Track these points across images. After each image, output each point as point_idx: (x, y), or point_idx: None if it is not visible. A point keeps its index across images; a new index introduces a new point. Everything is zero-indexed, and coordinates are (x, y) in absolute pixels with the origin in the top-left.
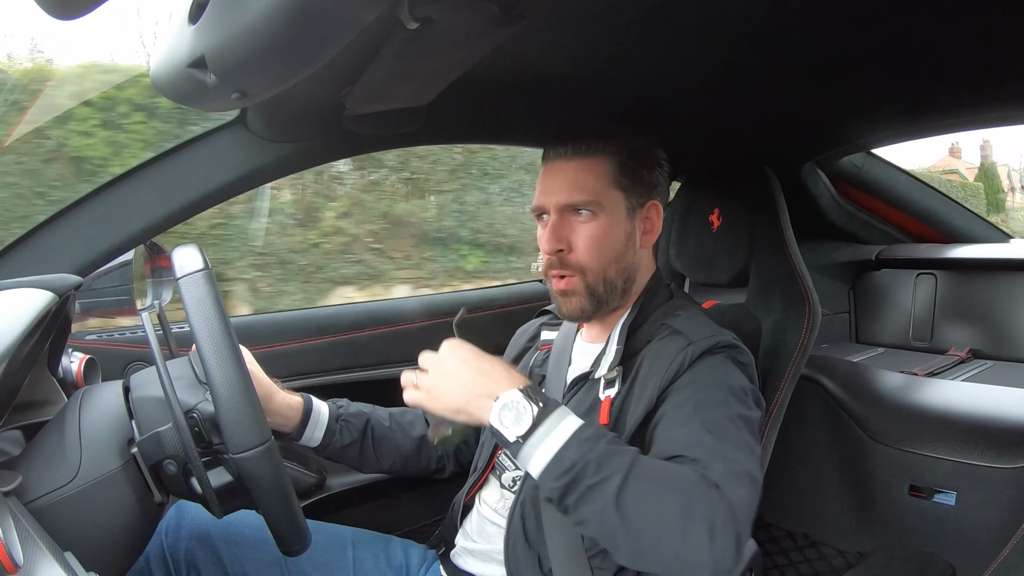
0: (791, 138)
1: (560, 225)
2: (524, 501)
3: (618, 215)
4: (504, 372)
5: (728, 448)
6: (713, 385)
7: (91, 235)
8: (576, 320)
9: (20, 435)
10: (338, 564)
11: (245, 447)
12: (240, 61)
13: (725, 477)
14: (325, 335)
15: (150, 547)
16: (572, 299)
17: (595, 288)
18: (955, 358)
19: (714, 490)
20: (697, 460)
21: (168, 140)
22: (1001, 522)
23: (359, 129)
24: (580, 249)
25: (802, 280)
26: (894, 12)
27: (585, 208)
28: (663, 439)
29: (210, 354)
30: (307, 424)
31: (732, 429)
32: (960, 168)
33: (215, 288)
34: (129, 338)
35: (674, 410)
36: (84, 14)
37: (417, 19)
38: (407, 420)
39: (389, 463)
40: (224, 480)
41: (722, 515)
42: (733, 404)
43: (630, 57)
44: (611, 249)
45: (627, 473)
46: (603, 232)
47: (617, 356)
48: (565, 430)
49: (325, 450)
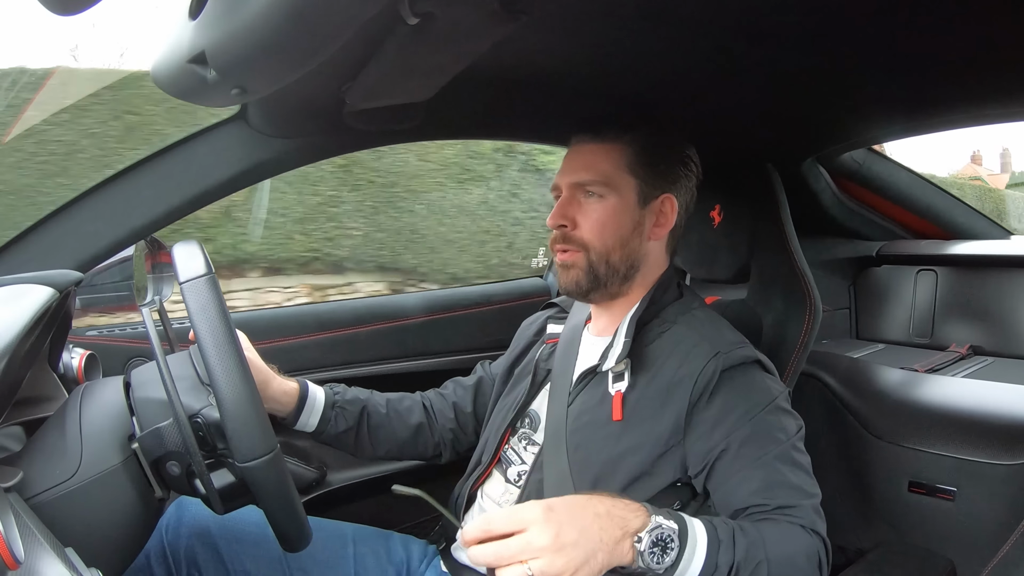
0: (792, 134)
1: (568, 203)
2: (529, 495)
3: (628, 201)
4: (612, 500)
5: (804, 480)
6: (763, 408)
7: (92, 231)
8: (572, 295)
9: (21, 431)
10: (339, 560)
11: (251, 456)
12: (240, 57)
13: (815, 520)
14: (325, 331)
15: (150, 544)
16: (571, 272)
17: (596, 267)
18: (955, 354)
19: (815, 537)
20: (787, 507)
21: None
22: (1001, 518)
23: (359, 125)
24: (584, 228)
25: (803, 276)
26: (894, 8)
27: (594, 188)
28: (740, 479)
29: (215, 364)
30: (303, 410)
31: (797, 456)
32: (982, 175)
33: (219, 293)
34: (130, 334)
35: (740, 447)
36: (83, 10)
37: (418, 15)
38: (404, 407)
39: (385, 449)
40: (227, 481)
41: (825, 553)
42: (787, 423)
43: (630, 53)
44: (616, 233)
45: (767, 555)
46: (609, 214)
47: (625, 349)
48: (701, 537)
49: (320, 436)
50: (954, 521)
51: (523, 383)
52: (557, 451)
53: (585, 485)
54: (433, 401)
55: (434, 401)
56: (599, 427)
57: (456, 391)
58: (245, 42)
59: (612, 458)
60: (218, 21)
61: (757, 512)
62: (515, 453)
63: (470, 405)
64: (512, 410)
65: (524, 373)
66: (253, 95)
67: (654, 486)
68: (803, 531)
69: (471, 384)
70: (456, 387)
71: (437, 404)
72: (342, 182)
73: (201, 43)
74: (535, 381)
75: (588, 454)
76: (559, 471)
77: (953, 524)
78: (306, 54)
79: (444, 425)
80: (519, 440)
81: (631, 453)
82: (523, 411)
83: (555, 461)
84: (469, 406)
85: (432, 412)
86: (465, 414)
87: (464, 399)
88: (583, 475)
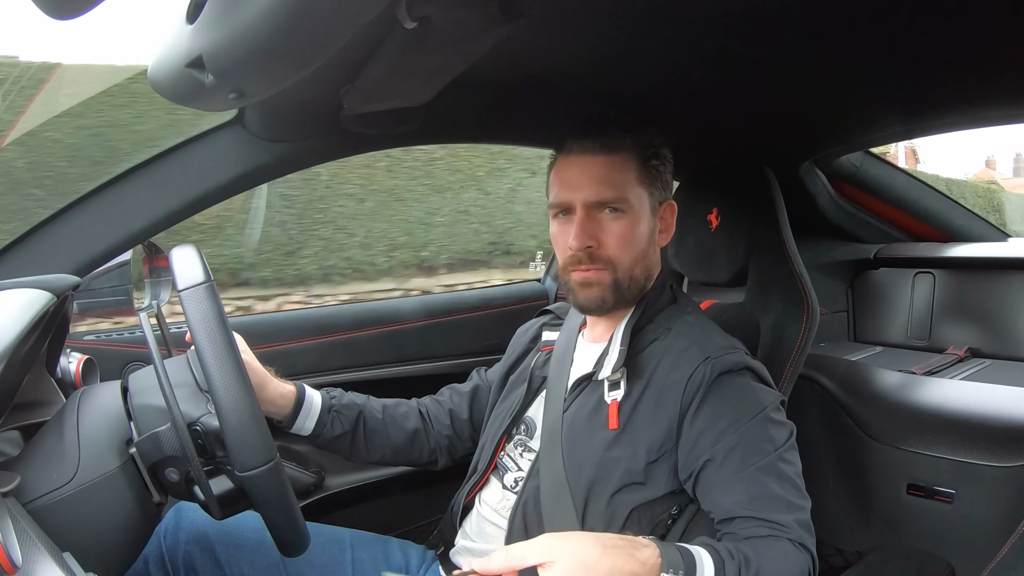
0: (789, 137)
1: (589, 221)
2: (526, 502)
3: (644, 213)
4: (625, 542)
5: (790, 491)
6: (751, 418)
7: (89, 235)
8: (592, 311)
9: (18, 435)
10: (337, 566)
11: (251, 466)
12: (238, 61)
13: (804, 535)
14: (324, 335)
15: (148, 549)
16: (594, 289)
17: (621, 283)
18: (953, 357)
19: (803, 552)
20: (773, 522)
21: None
22: (999, 520)
23: (357, 128)
24: (610, 246)
25: (800, 279)
26: (893, 10)
27: (615, 205)
28: (723, 490)
29: (215, 373)
30: (299, 414)
31: (784, 467)
32: (997, 179)
33: (218, 301)
34: (127, 338)
35: (724, 457)
36: (81, 14)
37: (415, 18)
38: (400, 412)
39: (380, 454)
40: (226, 488)
41: (813, 568)
42: (776, 434)
43: (630, 54)
44: (638, 247)
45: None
46: (631, 229)
47: (621, 357)
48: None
49: (316, 440)
50: (952, 523)
51: (518, 390)
52: (553, 457)
53: (580, 491)
54: (429, 407)
55: (430, 407)
56: (594, 434)
57: (452, 398)
58: (243, 46)
59: (607, 462)
60: (215, 25)
61: (743, 524)
62: (511, 460)
63: (466, 412)
64: (508, 417)
65: (519, 380)
66: (251, 99)
67: (649, 494)
68: (794, 547)
69: (467, 391)
70: (452, 393)
71: (433, 410)
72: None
73: (198, 47)
74: (531, 388)
75: (583, 460)
76: (555, 477)
77: (951, 526)
78: (304, 58)
79: (440, 431)
80: (515, 447)
81: (626, 460)
82: (519, 418)
83: (551, 467)
84: (465, 412)
85: (428, 418)
86: (461, 420)
87: (460, 406)
88: (578, 481)
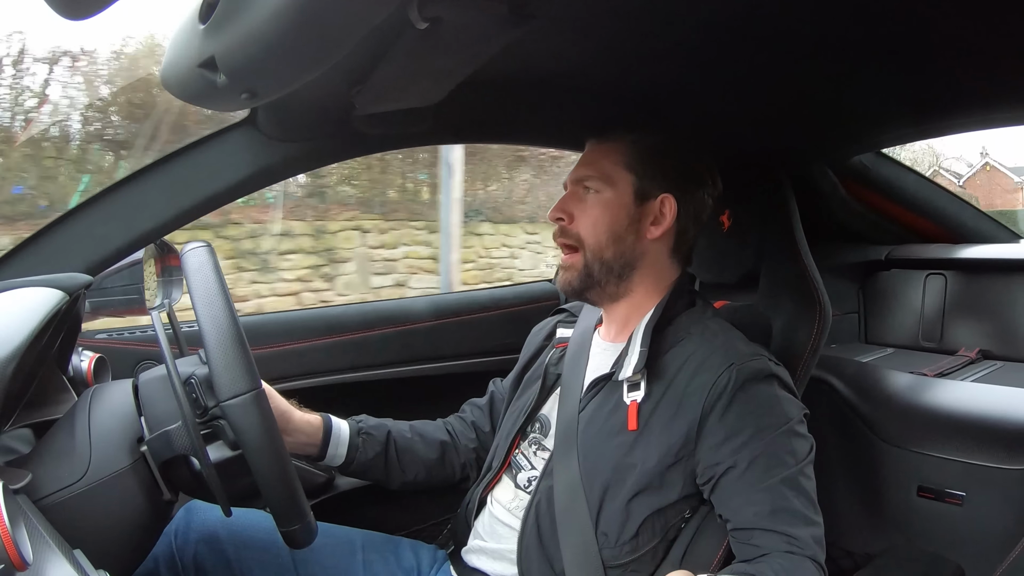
0: (801, 138)
1: (568, 198)
2: (540, 502)
3: (623, 196)
4: None
5: (807, 506)
6: (777, 429)
7: (101, 234)
8: (568, 295)
9: (30, 433)
10: (348, 567)
11: (234, 392)
12: (250, 61)
13: (818, 551)
14: (334, 334)
15: (159, 549)
16: (566, 273)
17: (591, 266)
18: (964, 359)
19: (816, 567)
20: (792, 537)
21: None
22: (1010, 523)
23: (368, 129)
24: (579, 222)
25: (812, 281)
26: (903, 10)
27: (591, 183)
28: (744, 500)
29: (202, 303)
30: (329, 441)
31: (804, 482)
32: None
33: (215, 258)
34: (139, 337)
35: (748, 466)
36: (95, 14)
37: (426, 19)
38: (427, 429)
39: (414, 473)
40: (223, 455)
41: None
42: (799, 447)
43: (640, 56)
44: (609, 228)
45: None
46: (603, 208)
47: (642, 359)
48: None
49: (350, 467)
50: (963, 526)
51: (533, 388)
52: (568, 457)
53: (595, 493)
54: (454, 424)
55: (455, 424)
56: (612, 435)
57: (473, 412)
58: (255, 47)
59: (623, 467)
60: (228, 26)
61: (763, 536)
62: (525, 458)
63: (488, 424)
64: (522, 415)
65: (534, 378)
66: (263, 99)
67: (664, 499)
68: (811, 564)
69: (485, 403)
70: (472, 408)
71: (458, 427)
72: None
73: (211, 48)
74: (545, 386)
75: (599, 461)
76: (570, 477)
77: (962, 529)
78: (316, 58)
79: (467, 446)
80: (529, 445)
81: (643, 462)
82: (533, 416)
83: (566, 467)
84: (487, 425)
85: (455, 434)
86: (484, 433)
87: (481, 419)
88: (593, 483)
